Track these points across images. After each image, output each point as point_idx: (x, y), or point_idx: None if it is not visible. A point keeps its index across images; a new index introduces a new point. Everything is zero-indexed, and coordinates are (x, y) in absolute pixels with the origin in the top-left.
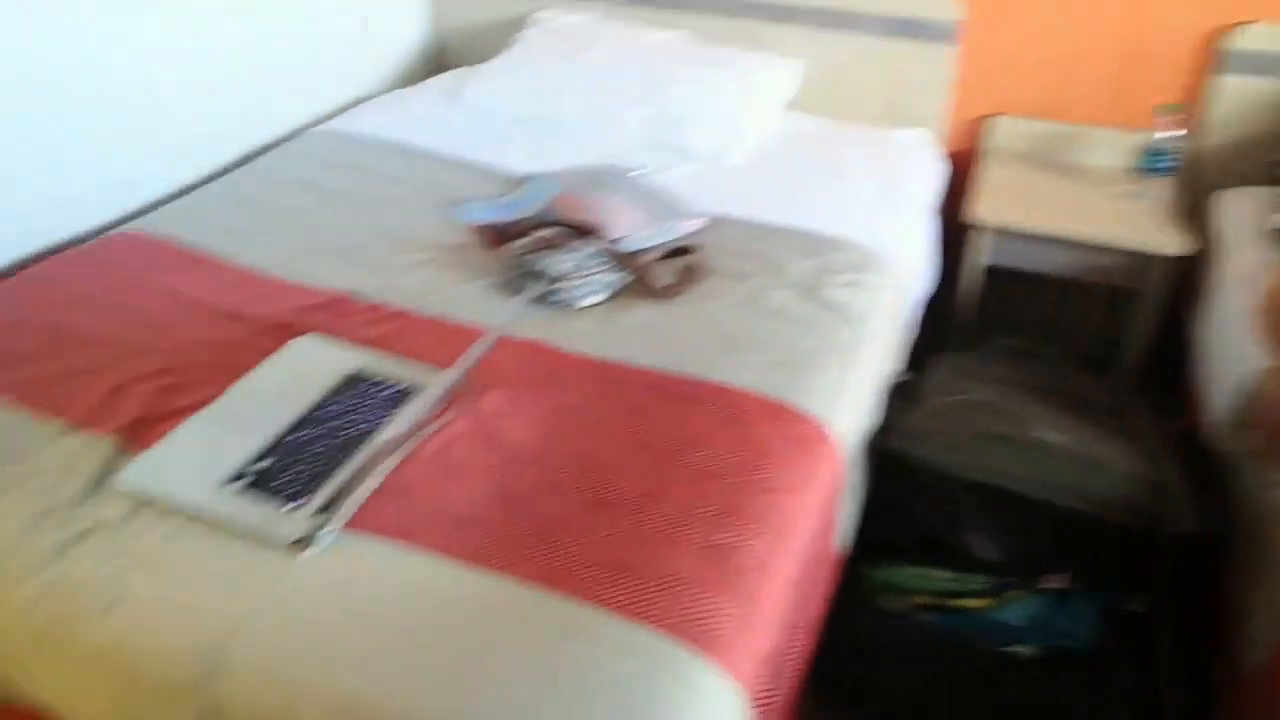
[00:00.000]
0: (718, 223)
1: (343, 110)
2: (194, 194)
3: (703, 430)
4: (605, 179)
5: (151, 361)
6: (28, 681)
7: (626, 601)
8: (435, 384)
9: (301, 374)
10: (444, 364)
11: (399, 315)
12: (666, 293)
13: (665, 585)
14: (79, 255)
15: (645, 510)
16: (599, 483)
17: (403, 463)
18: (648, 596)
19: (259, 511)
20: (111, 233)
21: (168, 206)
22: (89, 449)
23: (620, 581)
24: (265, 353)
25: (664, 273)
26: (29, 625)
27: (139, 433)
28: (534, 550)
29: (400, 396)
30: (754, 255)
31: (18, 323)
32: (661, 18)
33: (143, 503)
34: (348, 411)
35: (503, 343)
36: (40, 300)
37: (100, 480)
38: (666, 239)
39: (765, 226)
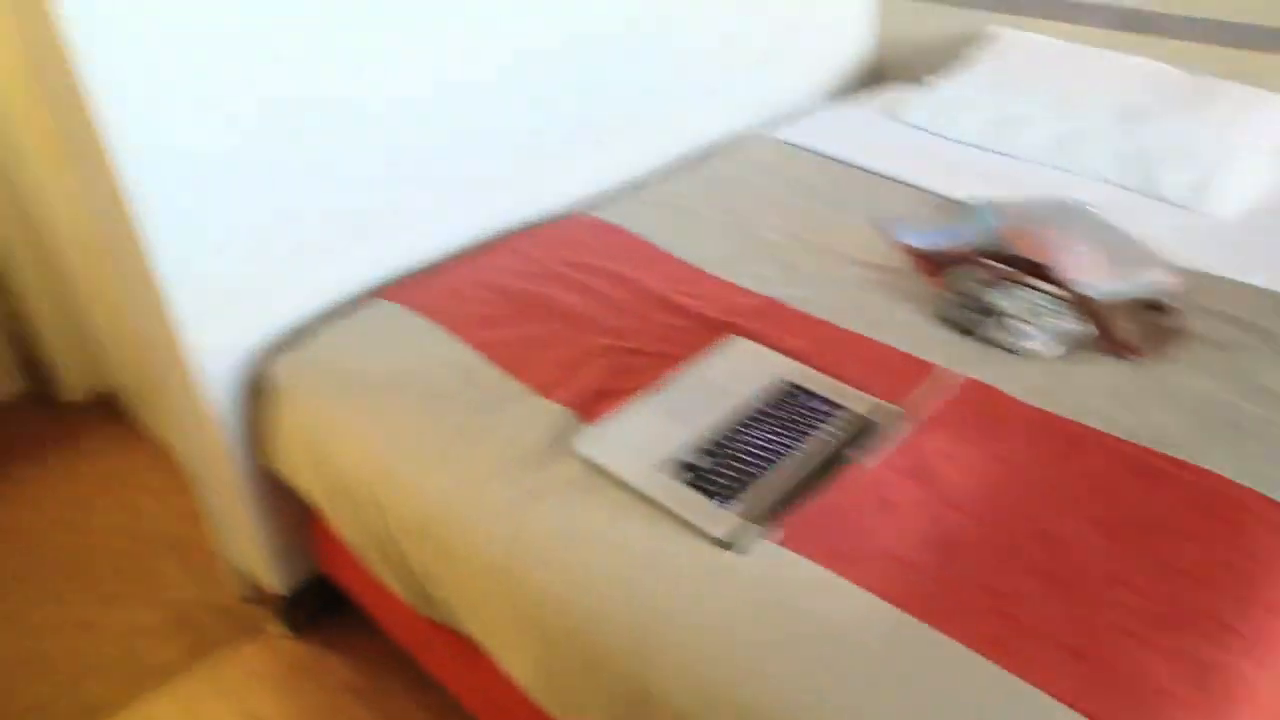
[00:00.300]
0: (1196, 279)
1: (779, 117)
2: (640, 187)
3: (1178, 518)
4: (1062, 215)
5: (604, 339)
6: (469, 613)
7: (1084, 696)
8: (886, 416)
9: (736, 374)
10: (874, 386)
11: (829, 329)
12: (1132, 351)
13: (1132, 689)
14: (544, 233)
15: (1108, 596)
16: (1053, 552)
17: (833, 484)
18: (1111, 698)
19: (691, 503)
20: (570, 216)
21: (618, 196)
22: (549, 413)
23: (1077, 671)
24: (703, 347)
25: (1130, 328)
26: (486, 564)
27: (591, 405)
28: (974, 611)
29: (831, 413)
30: (1243, 323)
31: (494, 286)
32: (1137, 41)
33: (592, 471)
34: (779, 419)
35: (944, 376)
36: (513, 270)
37: (558, 443)
38: (1133, 289)
39: (1259, 291)
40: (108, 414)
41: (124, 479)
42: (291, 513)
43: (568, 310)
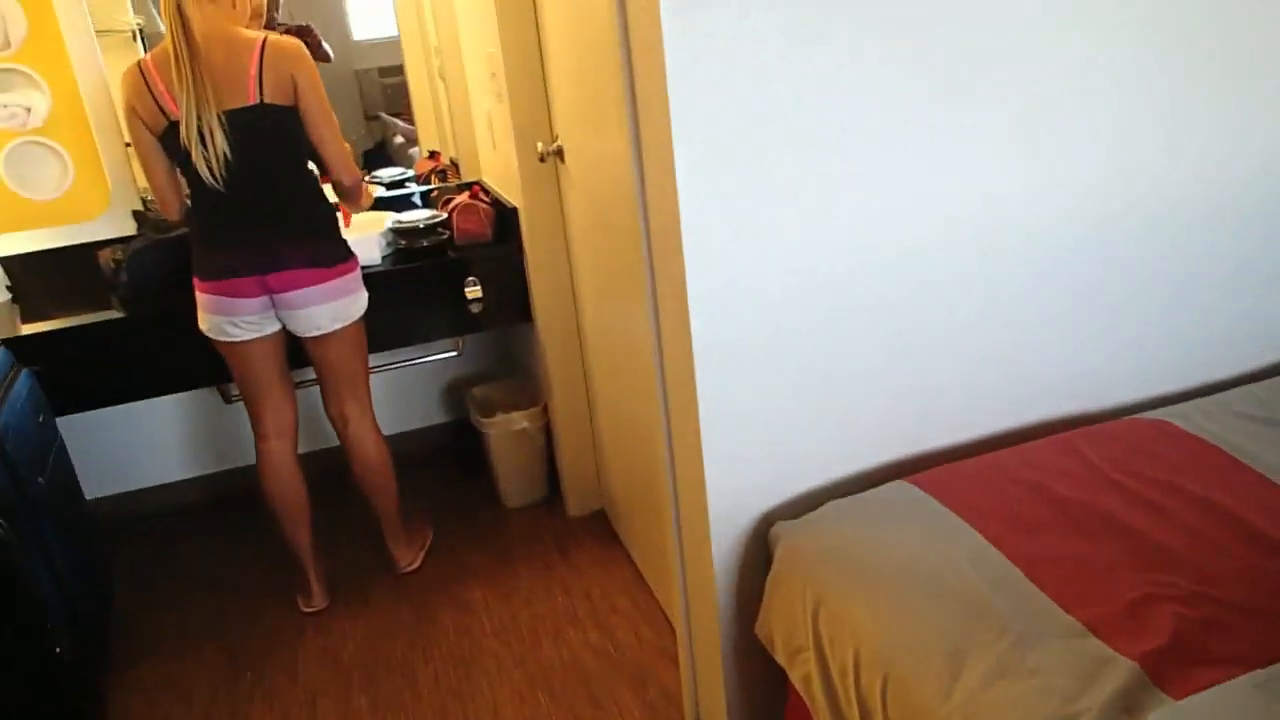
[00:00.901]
0: None
1: None
2: (1228, 393)
3: None
4: None
5: (1180, 579)
6: None
7: None
8: None
9: None
10: None
11: None
12: None
13: None
14: (1101, 432)
15: None
16: None
17: None
18: None
19: None
20: (1136, 416)
21: (1202, 400)
22: (1109, 665)
23: None
24: None
25: None
26: None
27: (1166, 667)
28: None
29: None
30: None
31: (1035, 486)
32: None
33: None
34: None
35: None
36: (1060, 470)
37: (1121, 709)
38: None
39: None
40: (599, 531)
41: (605, 601)
42: (765, 681)
43: (1131, 532)
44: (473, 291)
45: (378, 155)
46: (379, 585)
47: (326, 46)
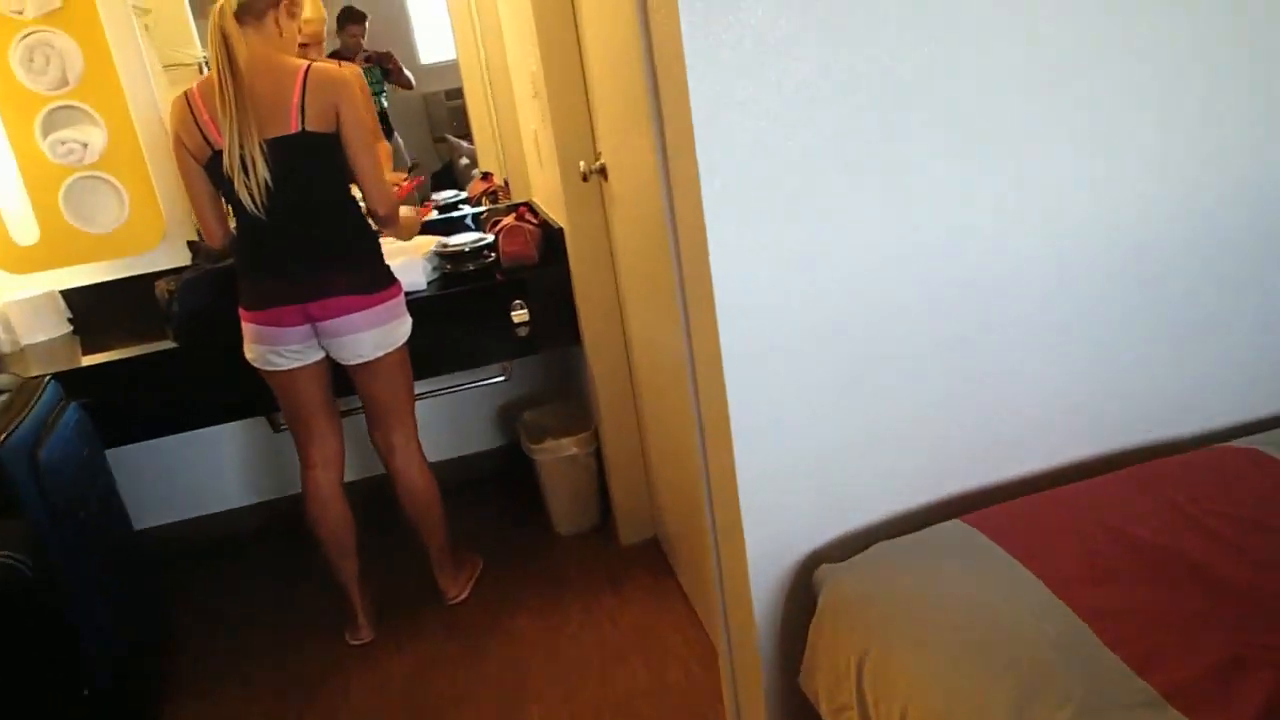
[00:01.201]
0: None
1: None
2: None
3: None
4: None
5: (1276, 638)
6: None
7: None
8: None
9: None
10: None
11: None
12: None
13: None
14: (1184, 465)
15: None
16: None
17: None
18: None
19: None
20: (1222, 444)
21: None
22: None
23: None
24: None
25: None
26: None
27: None
28: None
29: None
30: None
31: (1106, 528)
32: None
33: None
34: None
35: None
36: (1133, 509)
37: None
38: None
39: None
40: (651, 561)
41: (655, 636)
42: None
43: (1219, 582)
44: (520, 315)
45: (445, 177)
46: (427, 617)
47: (408, 73)
